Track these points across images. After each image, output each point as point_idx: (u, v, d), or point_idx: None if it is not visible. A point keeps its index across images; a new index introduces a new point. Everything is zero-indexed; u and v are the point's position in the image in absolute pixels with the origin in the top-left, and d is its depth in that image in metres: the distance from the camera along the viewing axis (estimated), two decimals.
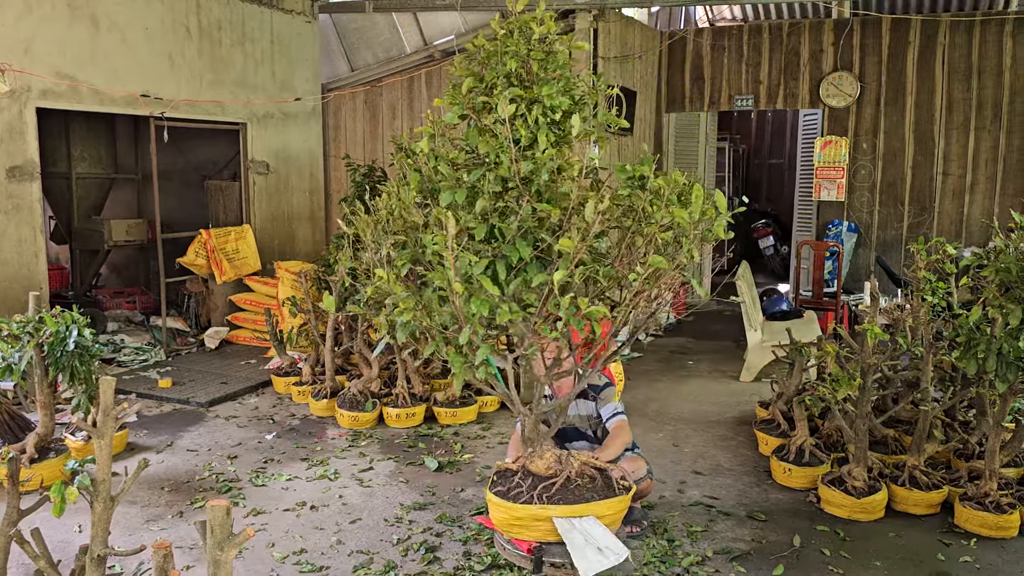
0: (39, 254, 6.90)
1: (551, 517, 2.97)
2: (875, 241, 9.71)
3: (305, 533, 4.18)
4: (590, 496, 2.99)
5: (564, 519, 2.96)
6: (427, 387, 6.26)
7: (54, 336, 4.60)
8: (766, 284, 11.21)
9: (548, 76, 3.06)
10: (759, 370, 7.18)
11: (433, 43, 9.70)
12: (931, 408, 4.52)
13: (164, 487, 4.78)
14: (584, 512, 2.94)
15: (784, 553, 3.96)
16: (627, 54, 9.14)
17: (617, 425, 4.04)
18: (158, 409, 6.33)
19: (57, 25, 6.91)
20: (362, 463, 5.18)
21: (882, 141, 9.54)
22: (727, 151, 13.16)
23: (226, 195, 9.24)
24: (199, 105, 8.20)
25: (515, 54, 3.02)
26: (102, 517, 2.67)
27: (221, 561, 2.17)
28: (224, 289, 8.56)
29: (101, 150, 9.21)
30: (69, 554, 3.81)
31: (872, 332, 4.34)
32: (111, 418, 2.64)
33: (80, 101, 7.16)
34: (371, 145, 10.13)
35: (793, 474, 4.76)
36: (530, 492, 3.11)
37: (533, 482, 3.17)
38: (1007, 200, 9.06)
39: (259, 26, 8.88)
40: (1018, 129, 9.02)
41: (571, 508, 2.97)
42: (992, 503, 4.15)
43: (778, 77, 9.89)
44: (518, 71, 3.05)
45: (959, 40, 9.13)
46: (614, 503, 2.97)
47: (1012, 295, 4.01)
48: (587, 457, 3.19)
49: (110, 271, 9.96)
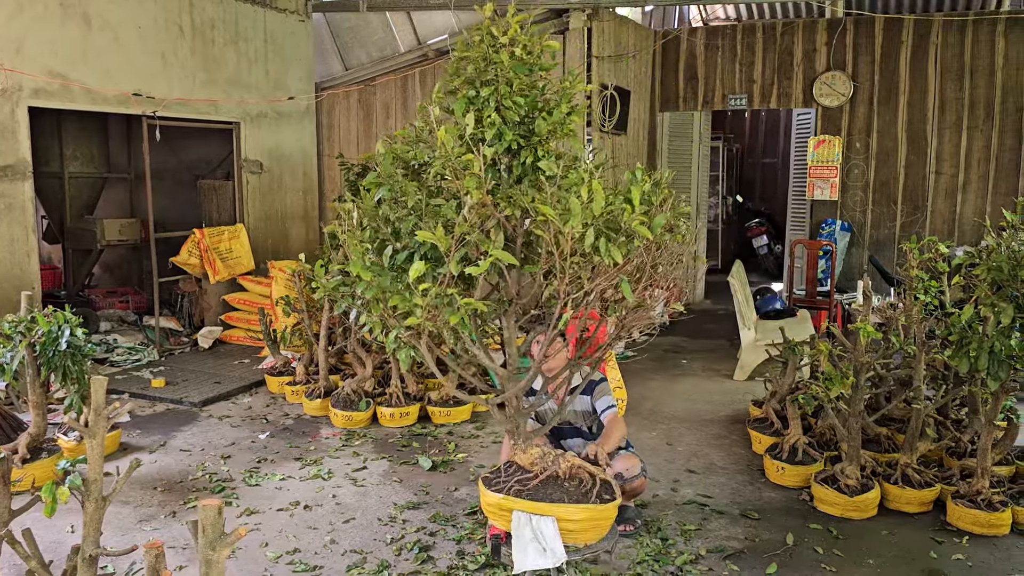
0: (31, 254, 6.87)
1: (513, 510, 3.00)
2: (868, 240, 9.74)
3: (299, 533, 4.18)
4: (560, 497, 2.98)
5: (523, 513, 2.98)
6: (421, 386, 6.26)
7: (46, 336, 4.58)
8: (760, 283, 11.23)
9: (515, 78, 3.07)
10: (753, 369, 7.20)
11: (427, 42, 9.69)
12: (923, 406, 4.54)
13: (157, 487, 4.77)
14: (547, 511, 2.94)
15: (777, 551, 3.96)
16: (621, 53, 9.14)
17: (612, 417, 4.07)
18: (151, 409, 6.32)
19: (49, 24, 6.88)
20: (356, 462, 5.18)
21: (875, 140, 9.57)
22: (721, 150, 13.19)
23: (219, 194, 9.21)
24: (192, 104, 8.18)
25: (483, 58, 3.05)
26: (94, 517, 2.67)
27: (213, 561, 2.17)
28: (217, 288, 8.54)
29: (94, 149, 9.18)
30: (62, 555, 3.79)
31: (865, 331, 4.35)
32: (102, 418, 2.63)
33: (72, 100, 7.14)
34: (365, 144, 10.11)
35: (786, 472, 4.77)
36: (507, 482, 3.14)
37: (516, 473, 3.20)
38: (999, 199, 9.10)
39: (252, 25, 8.86)
40: (1010, 128, 9.06)
41: (535, 505, 2.99)
42: (984, 501, 4.17)
43: (772, 76, 9.91)
44: (495, 76, 3.08)
45: (952, 40, 9.16)
46: (581, 510, 2.92)
47: (1004, 294, 4.02)
48: (579, 460, 3.17)
49: (103, 271, 9.92)
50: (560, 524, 2.96)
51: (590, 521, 2.95)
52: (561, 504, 2.94)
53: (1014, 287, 4.00)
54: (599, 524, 2.96)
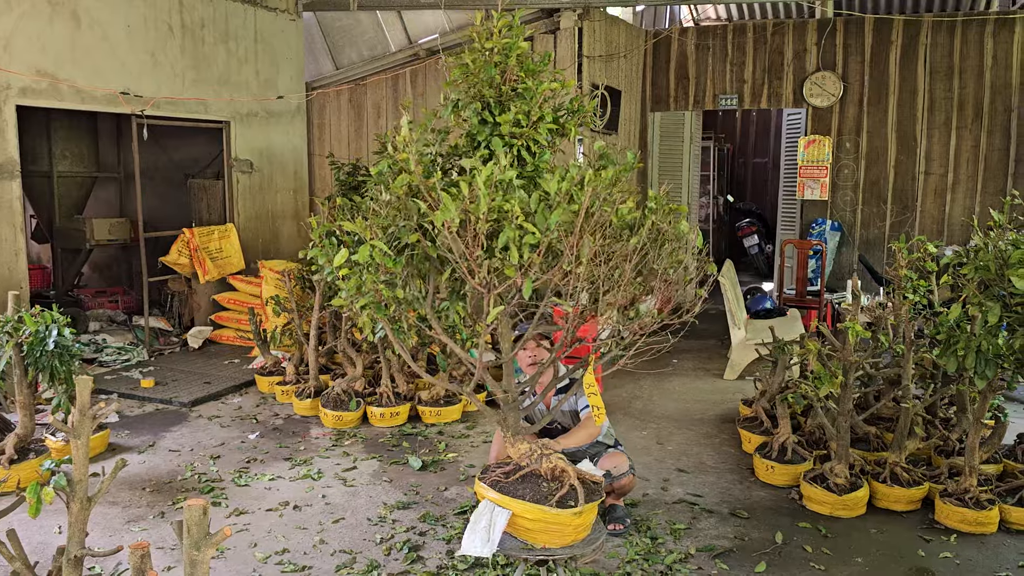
0: (19, 253, 6.83)
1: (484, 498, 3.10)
2: (858, 240, 9.77)
3: (288, 533, 4.16)
4: (523, 494, 3.01)
5: (488, 503, 3.06)
6: (411, 386, 6.25)
7: (33, 336, 4.56)
8: (751, 283, 11.25)
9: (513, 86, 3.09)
10: (743, 368, 7.21)
11: (418, 41, 9.68)
12: (912, 405, 4.55)
13: (146, 488, 4.75)
14: (507, 505, 3.00)
15: (766, 550, 3.97)
16: (612, 53, 9.15)
17: (586, 417, 4.08)
18: (140, 409, 6.29)
19: (37, 22, 6.84)
20: (346, 462, 5.16)
21: (865, 140, 9.60)
22: (712, 150, 13.20)
23: (209, 194, 9.18)
24: (182, 103, 8.15)
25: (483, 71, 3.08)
26: (79, 518, 2.65)
27: (198, 561, 2.16)
28: (207, 288, 8.51)
29: (83, 148, 9.13)
30: (49, 556, 3.78)
31: (854, 330, 4.36)
32: (87, 418, 2.62)
33: (61, 99, 7.10)
34: (356, 144, 10.10)
35: (776, 471, 4.78)
36: (493, 472, 3.22)
37: (505, 466, 3.25)
38: (988, 199, 9.14)
39: (243, 24, 8.83)
40: (999, 129, 9.10)
41: (501, 497, 3.03)
42: (972, 499, 4.18)
43: (762, 76, 9.93)
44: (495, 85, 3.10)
45: (941, 40, 9.20)
46: (534, 510, 2.92)
47: (991, 293, 4.04)
48: (565, 464, 3.16)
49: (92, 270, 9.87)
50: (518, 521, 2.98)
51: (541, 523, 2.94)
52: (520, 501, 2.97)
53: (1001, 286, 4.02)
54: (550, 528, 2.94)
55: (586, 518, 3.02)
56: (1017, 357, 4.01)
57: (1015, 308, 4.00)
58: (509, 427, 3.17)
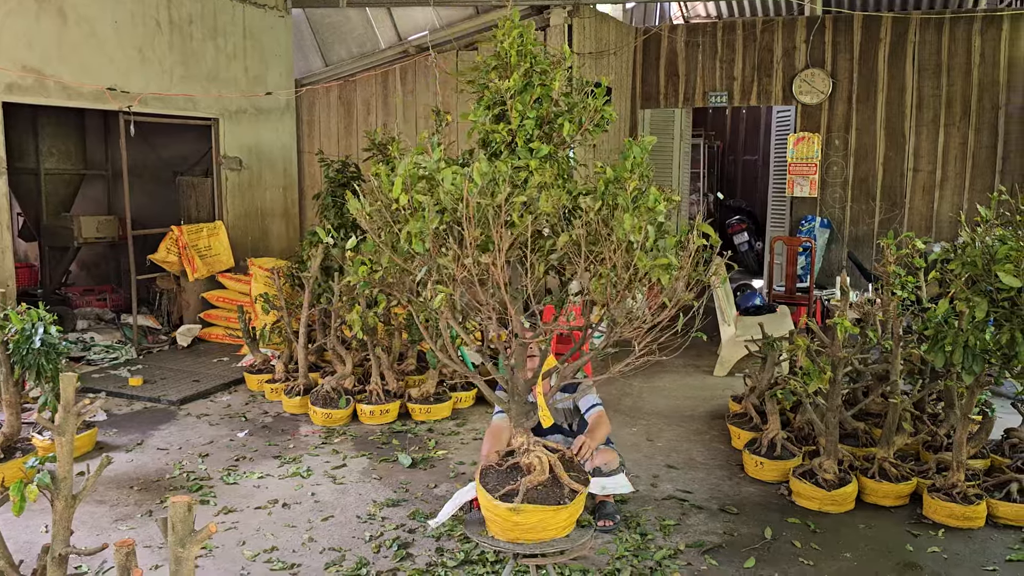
0: (6, 251, 6.78)
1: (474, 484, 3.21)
2: (847, 236, 9.81)
3: (276, 531, 4.15)
4: (487, 483, 3.06)
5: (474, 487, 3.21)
6: (401, 383, 6.24)
7: (20, 334, 4.52)
8: (740, 280, 11.28)
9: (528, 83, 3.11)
10: (732, 364, 7.23)
11: (408, 38, 9.65)
12: (900, 401, 4.57)
13: (133, 486, 4.72)
14: (477, 490, 3.10)
15: (756, 545, 3.98)
16: (602, 50, 9.15)
17: (598, 415, 4.13)
18: (128, 407, 6.25)
19: (24, 18, 6.79)
20: (335, 460, 5.15)
21: (854, 137, 9.63)
22: (702, 148, 13.21)
23: (198, 191, 9.13)
24: (170, 100, 8.10)
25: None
26: (63, 516, 2.63)
27: (183, 558, 2.14)
28: (196, 286, 8.47)
29: (70, 145, 9.06)
30: (35, 555, 3.75)
31: (843, 326, 4.37)
32: (72, 415, 2.60)
33: (47, 95, 7.04)
34: (345, 141, 10.06)
35: (765, 467, 4.79)
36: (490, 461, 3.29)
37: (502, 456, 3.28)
38: (976, 196, 9.19)
39: (231, 20, 8.79)
40: (986, 126, 9.15)
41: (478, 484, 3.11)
42: (959, 494, 4.21)
43: (752, 74, 9.95)
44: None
45: (929, 38, 9.23)
46: (483, 498, 3.00)
47: (978, 288, 4.06)
48: (548, 461, 3.15)
49: (80, 268, 9.81)
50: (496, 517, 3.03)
51: (486, 511, 3.02)
52: (483, 489, 3.02)
53: (988, 282, 4.03)
54: (492, 519, 2.99)
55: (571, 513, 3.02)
56: (1004, 352, 4.03)
57: (1002, 304, 4.03)
58: (512, 417, 3.19)
